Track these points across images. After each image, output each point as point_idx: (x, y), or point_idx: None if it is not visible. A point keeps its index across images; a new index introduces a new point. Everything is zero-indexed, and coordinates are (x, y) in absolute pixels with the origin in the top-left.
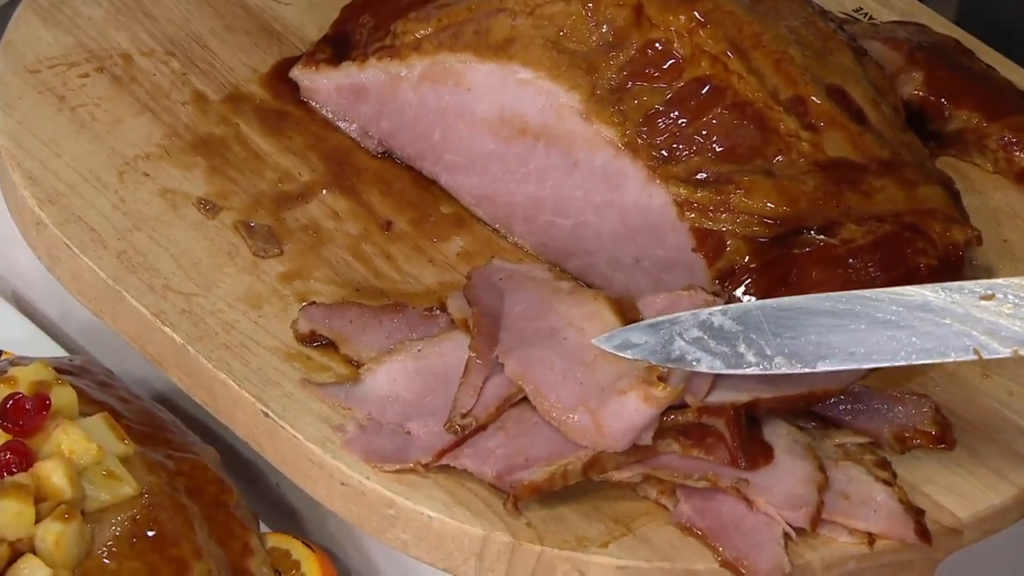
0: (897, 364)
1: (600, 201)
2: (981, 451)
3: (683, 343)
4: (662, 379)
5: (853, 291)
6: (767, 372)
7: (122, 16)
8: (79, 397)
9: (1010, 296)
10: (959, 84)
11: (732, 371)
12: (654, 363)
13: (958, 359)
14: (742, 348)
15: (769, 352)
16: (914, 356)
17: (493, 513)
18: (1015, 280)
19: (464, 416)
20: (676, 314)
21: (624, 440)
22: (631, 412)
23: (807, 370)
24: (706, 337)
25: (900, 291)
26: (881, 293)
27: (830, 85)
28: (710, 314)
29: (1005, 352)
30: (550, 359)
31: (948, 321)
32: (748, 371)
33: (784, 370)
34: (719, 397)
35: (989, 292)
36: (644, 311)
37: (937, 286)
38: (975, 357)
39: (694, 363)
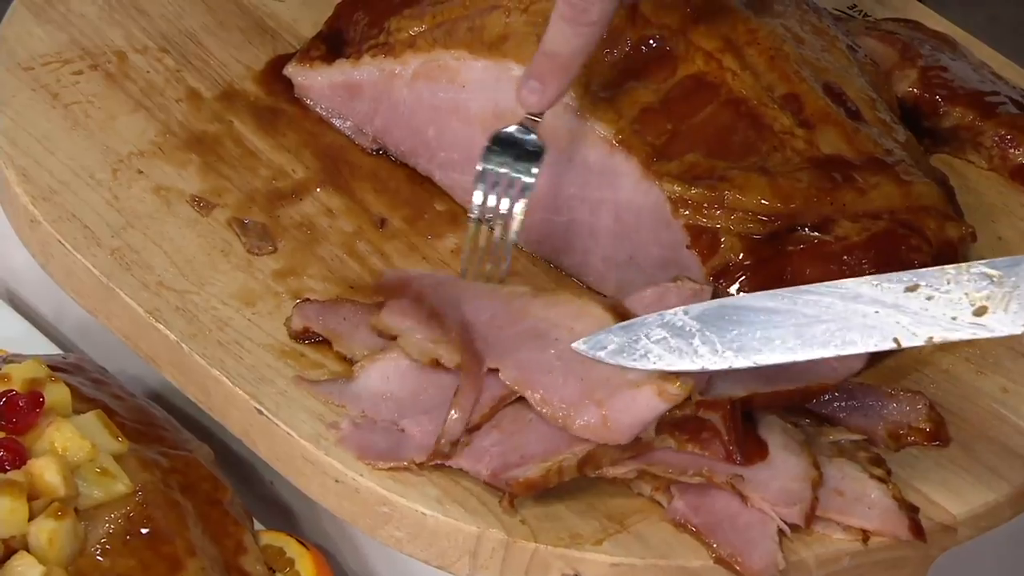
0: (828, 355)
1: (594, 198)
2: (976, 448)
3: (647, 342)
4: (677, 375)
5: (797, 286)
6: (718, 367)
7: (116, 13)
8: (73, 395)
9: (931, 286)
10: (953, 82)
11: (688, 368)
12: (624, 363)
13: (879, 348)
14: (697, 344)
15: (720, 348)
16: (843, 347)
17: (487, 510)
18: (936, 270)
19: (454, 444)
20: (647, 315)
21: (630, 433)
22: (642, 407)
23: (750, 364)
24: (668, 336)
25: (837, 284)
26: (821, 287)
27: (825, 82)
28: (673, 314)
29: (920, 341)
30: (547, 362)
31: (876, 311)
32: (701, 365)
33: (733, 365)
34: (715, 392)
35: (914, 283)
36: (634, 306)
37: (871, 278)
38: (895, 346)
39: (655, 361)
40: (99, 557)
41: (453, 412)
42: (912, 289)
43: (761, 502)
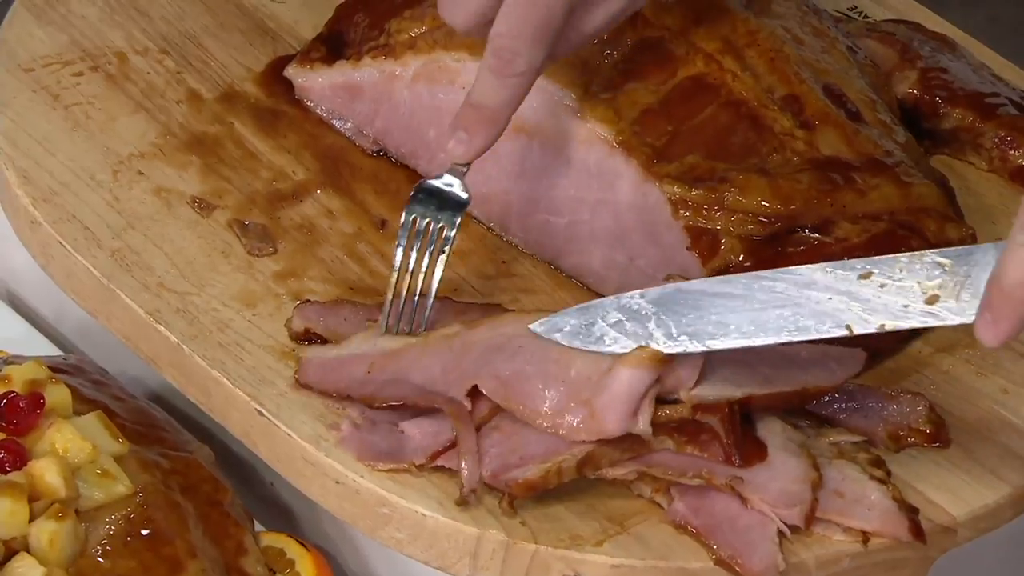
0: (782, 341)
1: (594, 200)
2: (976, 449)
3: (603, 324)
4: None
5: (754, 272)
6: (672, 351)
7: (116, 14)
8: (73, 396)
9: (884, 274)
10: (953, 83)
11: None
12: (580, 346)
13: (831, 334)
14: (652, 328)
15: (675, 332)
16: (796, 333)
17: (487, 512)
18: (889, 258)
19: (474, 491)
20: (604, 298)
21: (621, 418)
22: (625, 385)
23: (703, 348)
24: (623, 319)
25: (792, 271)
26: (777, 273)
27: (825, 84)
28: (629, 298)
29: (872, 327)
30: (520, 370)
31: (830, 298)
32: (664, 351)
33: (687, 349)
34: (713, 393)
35: (867, 270)
36: None
37: (825, 265)
38: (847, 332)
39: (610, 344)
40: (100, 558)
41: (463, 462)
42: (865, 277)
43: (761, 504)
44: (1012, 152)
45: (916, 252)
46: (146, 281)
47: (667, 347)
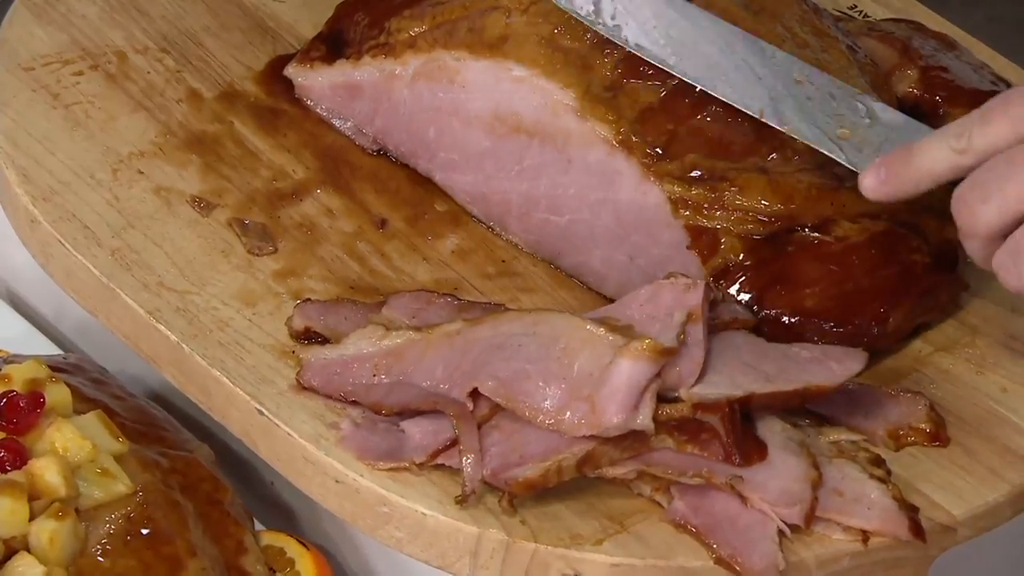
0: (695, 85)
1: (594, 199)
2: (975, 448)
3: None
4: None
5: (713, 17)
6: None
7: (116, 14)
8: (73, 395)
9: (818, 87)
10: (954, 82)
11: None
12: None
13: (739, 108)
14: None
15: (616, 11)
16: (711, 85)
17: (487, 511)
18: (829, 79)
19: (474, 492)
20: None
21: (621, 412)
22: (626, 377)
23: (622, 44)
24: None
25: (746, 39)
26: (734, 33)
27: None
28: None
29: (777, 124)
30: (520, 369)
31: (760, 77)
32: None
33: (608, 32)
34: (713, 392)
35: (806, 77)
36: (629, 306)
37: (776, 51)
38: (759, 116)
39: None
40: (100, 557)
41: (465, 459)
42: (799, 82)
43: (761, 503)
44: None
45: (855, 90)
46: (146, 280)
47: (599, 27)
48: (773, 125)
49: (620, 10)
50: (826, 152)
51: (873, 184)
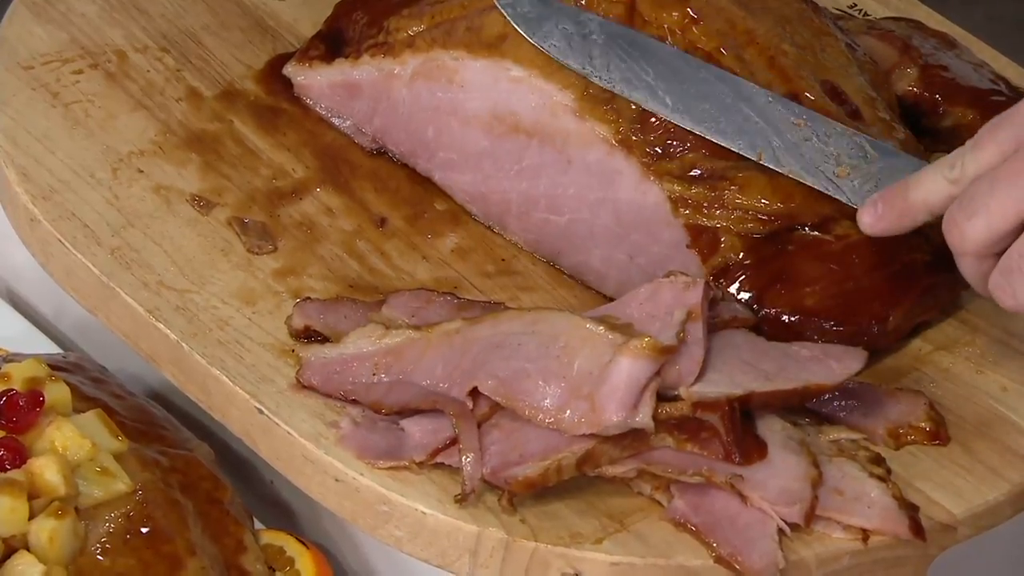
0: (695, 132)
1: (594, 198)
2: (975, 447)
3: (552, 26)
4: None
5: (708, 65)
6: (594, 80)
7: (116, 12)
8: (73, 394)
9: (814, 130)
10: (954, 80)
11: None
12: (522, 29)
13: (741, 151)
14: (595, 55)
15: (610, 68)
16: (712, 132)
17: (487, 509)
18: (825, 120)
19: (474, 491)
20: (564, 4)
21: (624, 408)
22: (625, 375)
23: (625, 95)
24: (573, 33)
25: (741, 82)
26: (723, 76)
27: (824, 81)
28: (589, 19)
29: (777, 167)
30: (519, 368)
31: (757, 121)
32: (587, 72)
33: (613, 89)
34: (713, 391)
35: (804, 120)
36: (628, 305)
37: (770, 95)
38: (755, 158)
39: (544, 41)
40: (99, 556)
41: (465, 458)
42: (799, 124)
43: (761, 501)
44: None
45: (851, 130)
46: (145, 279)
47: (600, 81)
48: (774, 169)
49: (614, 66)
50: (827, 192)
51: (871, 220)
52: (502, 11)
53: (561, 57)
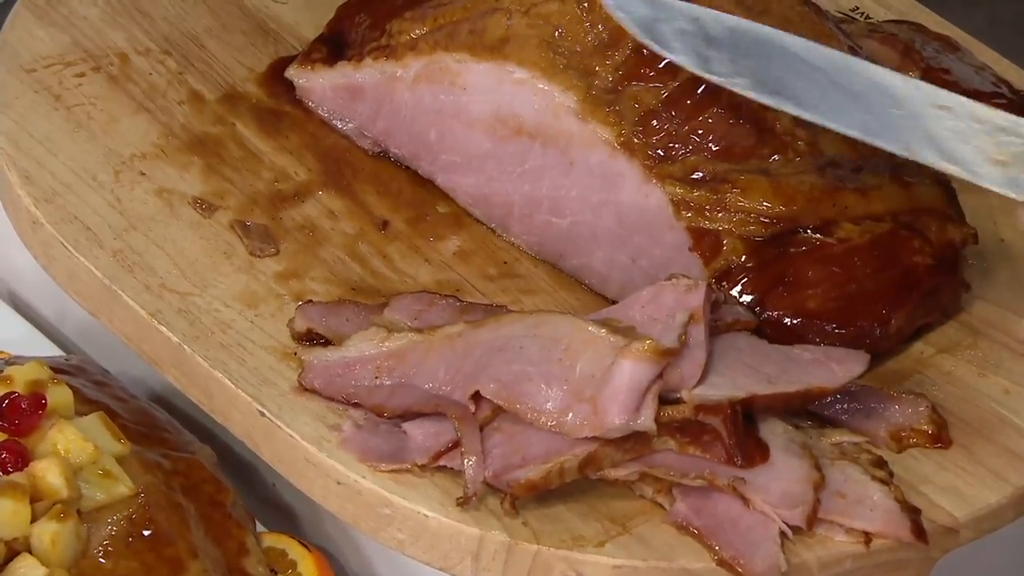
0: (841, 131)
1: (596, 201)
2: (977, 450)
3: (667, 27)
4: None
5: (832, 51)
6: (715, 80)
7: (118, 15)
8: (75, 396)
9: (963, 117)
10: (956, 83)
11: (702, 72)
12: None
13: (888, 148)
14: (711, 53)
15: (735, 68)
16: (857, 130)
17: (489, 512)
18: (971, 104)
19: (476, 494)
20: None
21: (626, 410)
22: (627, 378)
23: (767, 100)
24: (691, 32)
25: (868, 67)
26: (854, 63)
27: None
28: (706, 12)
29: (926, 159)
30: (521, 371)
31: (901, 112)
32: (712, 79)
33: (748, 93)
34: (715, 394)
35: (946, 104)
36: (631, 307)
37: (906, 78)
38: (906, 154)
39: (668, 47)
40: (101, 559)
41: (467, 461)
42: (943, 108)
43: (763, 504)
44: None
45: (1002, 113)
46: (148, 282)
47: (730, 83)
48: (920, 162)
49: (743, 67)
50: (982, 184)
51: None
52: (613, 15)
53: (681, 60)
